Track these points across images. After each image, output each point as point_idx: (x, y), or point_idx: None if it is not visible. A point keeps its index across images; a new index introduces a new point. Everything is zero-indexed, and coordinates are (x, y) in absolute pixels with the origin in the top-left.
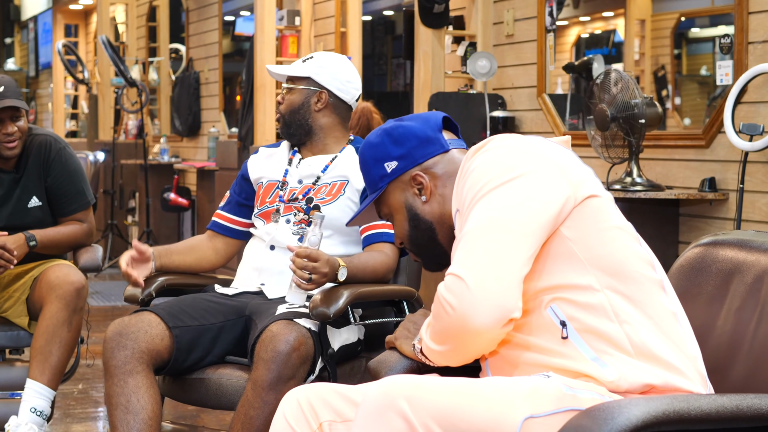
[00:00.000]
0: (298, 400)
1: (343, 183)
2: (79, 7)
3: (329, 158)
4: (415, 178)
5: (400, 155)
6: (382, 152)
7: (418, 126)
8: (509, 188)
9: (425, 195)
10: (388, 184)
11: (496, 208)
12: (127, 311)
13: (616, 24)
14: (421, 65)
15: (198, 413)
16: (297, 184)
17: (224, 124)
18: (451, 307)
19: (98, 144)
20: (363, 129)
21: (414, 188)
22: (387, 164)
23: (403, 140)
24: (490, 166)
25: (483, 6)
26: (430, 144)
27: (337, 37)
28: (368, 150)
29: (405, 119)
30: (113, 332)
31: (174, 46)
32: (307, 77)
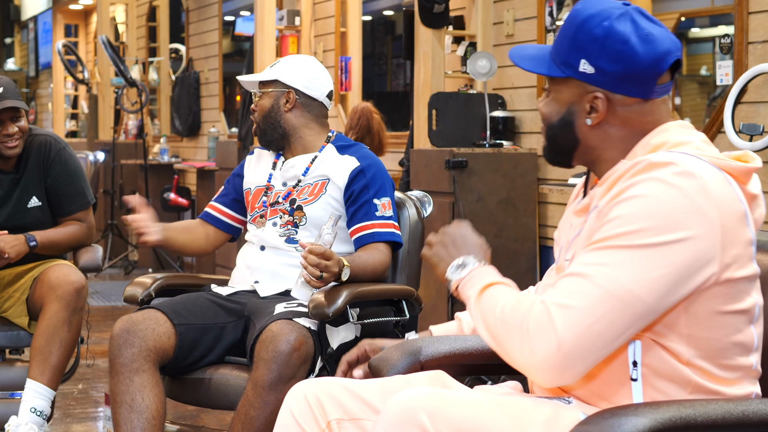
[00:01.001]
0: (305, 396)
1: (324, 182)
2: (79, 7)
3: (310, 158)
4: (595, 99)
5: (602, 69)
6: (590, 48)
7: (643, 57)
8: (659, 253)
9: (592, 120)
10: (568, 77)
11: (635, 276)
12: (127, 311)
13: None
14: (421, 65)
15: (198, 413)
16: (281, 187)
17: (224, 124)
18: (530, 349)
19: (98, 144)
20: (363, 129)
21: (587, 104)
22: (584, 62)
23: (620, 59)
24: (654, 211)
25: (483, 6)
26: (638, 83)
27: (337, 37)
28: (583, 31)
29: (641, 31)
30: (121, 329)
31: (174, 46)
32: (274, 80)
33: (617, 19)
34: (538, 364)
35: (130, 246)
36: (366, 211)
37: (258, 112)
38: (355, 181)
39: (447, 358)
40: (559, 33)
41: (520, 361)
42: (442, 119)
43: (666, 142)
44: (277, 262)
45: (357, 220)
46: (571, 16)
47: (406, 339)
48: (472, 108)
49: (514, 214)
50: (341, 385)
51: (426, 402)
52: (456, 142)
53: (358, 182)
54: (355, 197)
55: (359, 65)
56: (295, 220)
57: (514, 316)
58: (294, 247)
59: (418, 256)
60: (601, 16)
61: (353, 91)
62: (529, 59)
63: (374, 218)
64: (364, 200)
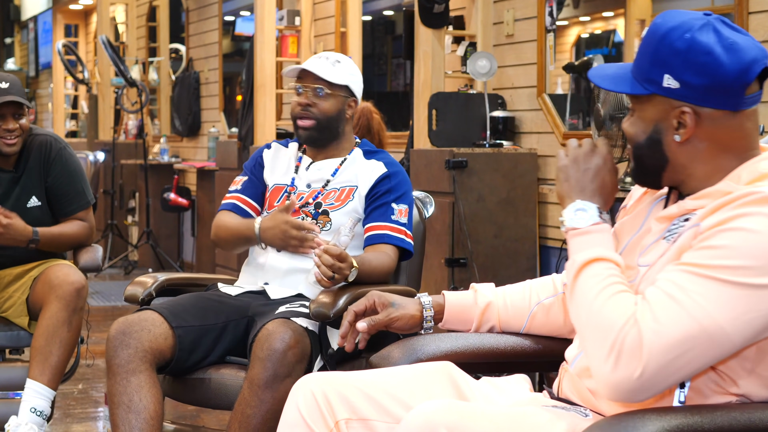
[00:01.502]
0: (313, 392)
1: (352, 189)
2: (79, 7)
3: (338, 162)
4: (682, 114)
5: (687, 83)
6: (673, 62)
7: (729, 67)
8: (758, 295)
9: (681, 135)
10: (652, 94)
11: (730, 315)
12: (127, 311)
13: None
14: (421, 65)
15: (198, 413)
16: (305, 188)
17: (224, 124)
18: (614, 366)
19: (98, 144)
20: (363, 129)
21: (674, 120)
22: (667, 77)
23: (705, 72)
24: (761, 250)
25: (483, 6)
26: (726, 94)
27: (337, 37)
28: (665, 45)
29: (724, 41)
30: (116, 331)
31: (174, 46)
32: (345, 85)
33: (699, 30)
34: (615, 382)
35: (130, 246)
36: (382, 213)
37: (319, 110)
38: (380, 184)
39: (448, 356)
40: (639, 49)
41: (597, 369)
42: (442, 119)
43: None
44: (292, 264)
45: (372, 219)
46: (650, 31)
47: (417, 298)
48: (472, 108)
49: (514, 214)
50: (353, 384)
51: (446, 416)
52: (456, 142)
53: (383, 186)
54: (376, 198)
55: (359, 65)
56: (318, 224)
57: (610, 321)
58: (313, 251)
59: (419, 257)
60: (682, 28)
61: None
62: (610, 79)
63: (389, 221)
64: (383, 202)
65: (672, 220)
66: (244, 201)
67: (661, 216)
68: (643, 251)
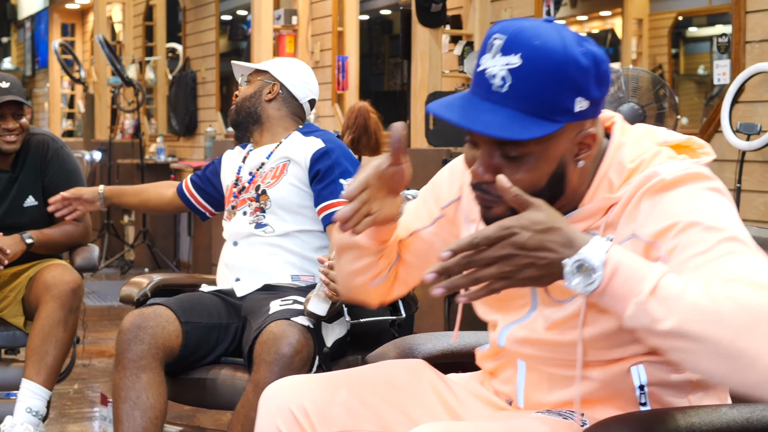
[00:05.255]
0: (291, 410)
1: (285, 164)
2: (76, 6)
3: (274, 146)
4: (586, 137)
5: (595, 99)
6: (584, 82)
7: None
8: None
9: (583, 159)
10: (563, 125)
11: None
12: (123, 311)
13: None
14: (418, 64)
15: (194, 413)
16: (248, 176)
17: (221, 124)
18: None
19: (95, 143)
20: (360, 128)
21: (576, 146)
22: (579, 100)
23: (604, 83)
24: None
25: (480, 5)
26: (603, 100)
27: (334, 36)
28: (572, 67)
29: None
30: (131, 324)
31: (171, 46)
32: (265, 71)
33: (577, 39)
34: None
35: (126, 246)
36: (332, 190)
37: (240, 96)
38: (320, 161)
39: (445, 355)
40: (527, 81)
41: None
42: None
43: (642, 161)
44: (252, 254)
45: (323, 198)
46: (538, 58)
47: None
48: None
49: None
50: (325, 392)
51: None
52: (453, 141)
53: (324, 162)
54: (321, 176)
55: (356, 64)
56: (261, 206)
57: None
58: (263, 230)
59: None
60: (569, 41)
61: (350, 90)
62: (496, 125)
63: (340, 197)
64: (330, 179)
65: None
66: (191, 191)
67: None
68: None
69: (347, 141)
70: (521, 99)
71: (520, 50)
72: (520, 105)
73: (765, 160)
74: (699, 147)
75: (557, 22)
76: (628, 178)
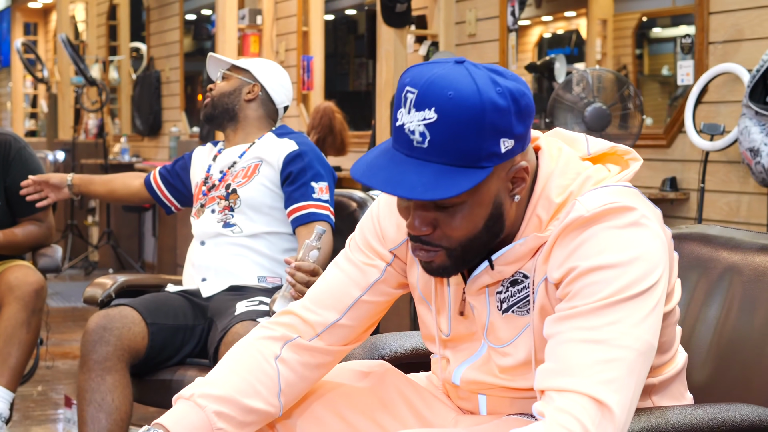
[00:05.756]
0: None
1: (257, 164)
2: (39, 5)
3: (246, 145)
4: (519, 171)
5: (520, 135)
6: (505, 123)
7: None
8: (650, 296)
9: (518, 194)
10: (493, 169)
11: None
12: (87, 313)
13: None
14: (383, 64)
15: (158, 414)
16: (219, 175)
17: (185, 124)
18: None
19: (58, 143)
20: (325, 128)
21: (509, 182)
22: (504, 141)
23: (527, 115)
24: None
25: (445, 5)
26: (529, 131)
27: (299, 36)
28: (489, 112)
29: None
30: (97, 325)
31: (135, 45)
32: (246, 69)
33: (491, 82)
34: None
35: (90, 246)
36: (303, 192)
37: (216, 90)
38: (292, 163)
39: (410, 355)
40: (445, 134)
41: None
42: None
43: (570, 193)
44: (219, 254)
45: (294, 200)
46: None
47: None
48: None
49: None
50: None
51: None
52: None
53: (296, 164)
54: (293, 178)
55: (321, 64)
56: (230, 205)
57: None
58: (230, 230)
59: None
60: (481, 83)
61: (315, 90)
62: (422, 186)
63: (311, 199)
64: (301, 182)
65: (485, 287)
66: (159, 185)
67: (474, 290)
68: (485, 329)
69: (312, 141)
70: (443, 153)
71: (434, 104)
72: (443, 158)
73: (728, 160)
74: (625, 153)
75: (466, 62)
76: (556, 213)
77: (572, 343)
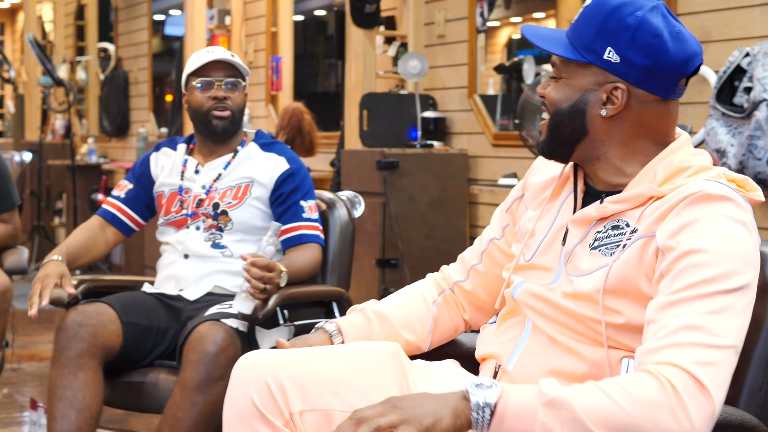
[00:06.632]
0: (267, 382)
1: (248, 185)
2: (6, 5)
3: (229, 156)
4: (615, 89)
5: (629, 60)
6: (618, 36)
7: (673, 54)
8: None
9: (608, 110)
10: (587, 63)
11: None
12: (54, 314)
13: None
14: (352, 65)
15: (126, 417)
16: (201, 189)
17: (153, 124)
18: (689, 419)
19: (24, 144)
20: (294, 129)
21: (604, 94)
22: (610, 50)
23: (649, 53)
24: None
25: (414, 6)
26: (663, 80)
27: (268, 36)
28: (615, 18)
29: (672, 28)
30: (72, 320)
31: (102, 45)
32: (244, 76)
33: (650, 12)
34: (699, 428)
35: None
36: (294, 213)
37: (234, 103)
38: (284, 184)
39: None
40: (580, 18)
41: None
42: (373, 120)
43: (691, 166)
44: (202, 270)
45: (284, 221)
46: (599, 2)
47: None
48: (403, 108)
49: (445, 214)
50: (302, 367)
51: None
52: (387, 142)
53: (288, 185)
54: (283, 199)
55: (290, 65)
56: (219, 225)
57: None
58: (220, 252)
59: (348, 257)
60: (634, 5)
61: (284, 91)
62: (544, 38)
63: (301, 220)
64: (291, 202)
65: (590, 223)
66: (126, 213)
67: (578, 219)
68: (568, 258)
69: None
70: (573, 29)
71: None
72: (570, 33)
73: None
74: (753, 189)
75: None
76: (673, 175)
77: (674, 329)
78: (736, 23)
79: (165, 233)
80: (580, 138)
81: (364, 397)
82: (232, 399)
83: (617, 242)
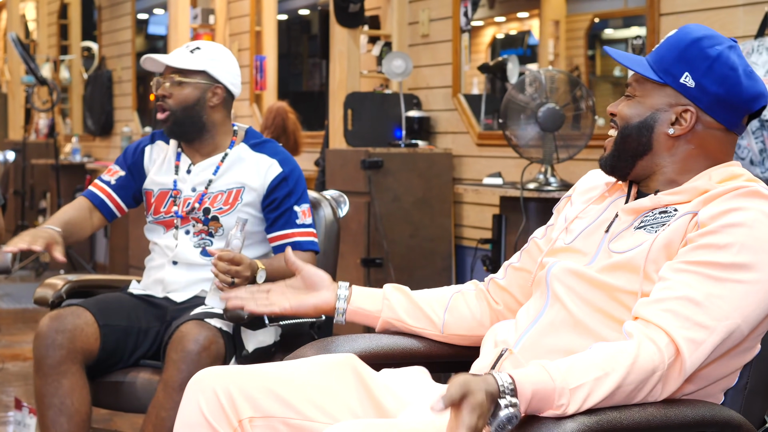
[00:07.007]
0: (215, 391)
1: (239, 190)
2: None
3: (219, 158)
4: (685, 111)
5: (703, 87)
6: (701, 65)
7: (744, 89)
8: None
9: (675, 130)
10: (663, 84)
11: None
12: (39, 314)
13: (531, 25)
14: (336, 65)
15: (111, 417)
16: (191, 192)
17: (137, 123)
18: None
19: (8, 143)
20: (278, 129)
21: (673, 115)
22: (687, 75)
23: (724, 84)
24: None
25: (398, 6)
26: (730, 112)
27: (252, 36)
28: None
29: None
30: (49, 328)
31: (86, 44)
32: (203, 71)
33: (728, 48)
34: (664, 397)
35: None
36: (287, 219)
37: (175, 100)
38: (277, 188)
39: (362, 357)
40: (663, 44)
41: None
42: (357, 119)
43: (742, 175)
44: (191, 277)
45: (278, 227)
46: (682, 32)
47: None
48: (388, 108)
49: (430, 214)
50: (253, 378)
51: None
52: (371, 141)
53: (281, 190)
54: (277, 204)
55: (275, 64)
56: (210, 230)
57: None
58: (209, 260)
59: (333, 256)
60: (715, 40)
61: (268, 90)
62: (627, 59)
63: (295, 226)
64: (285, 207)
65: (641, 212)
66: (113, 200)
67: (630, 208)
68: (614, 238)
69: None
70: (654, 54)
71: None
72: (650, 57)
73: None
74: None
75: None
76: (727, 179)
77: (677, 296)
78: (719, 23)
79: (153, 232)
80: (643, 152)
81: (318, 406)
82: (182, 409)
83: (663, 222)
